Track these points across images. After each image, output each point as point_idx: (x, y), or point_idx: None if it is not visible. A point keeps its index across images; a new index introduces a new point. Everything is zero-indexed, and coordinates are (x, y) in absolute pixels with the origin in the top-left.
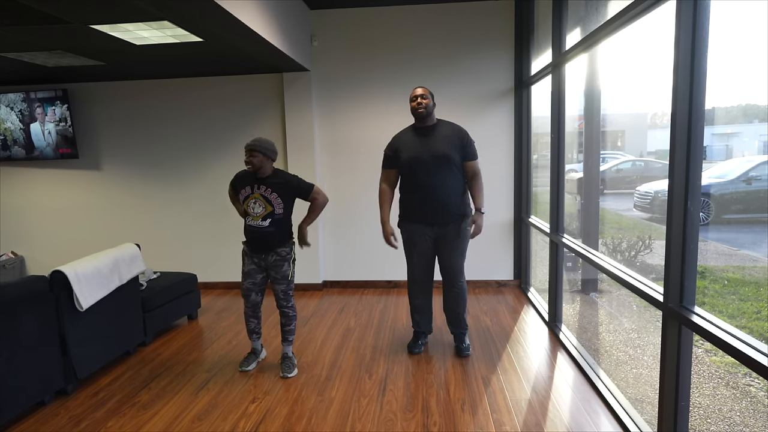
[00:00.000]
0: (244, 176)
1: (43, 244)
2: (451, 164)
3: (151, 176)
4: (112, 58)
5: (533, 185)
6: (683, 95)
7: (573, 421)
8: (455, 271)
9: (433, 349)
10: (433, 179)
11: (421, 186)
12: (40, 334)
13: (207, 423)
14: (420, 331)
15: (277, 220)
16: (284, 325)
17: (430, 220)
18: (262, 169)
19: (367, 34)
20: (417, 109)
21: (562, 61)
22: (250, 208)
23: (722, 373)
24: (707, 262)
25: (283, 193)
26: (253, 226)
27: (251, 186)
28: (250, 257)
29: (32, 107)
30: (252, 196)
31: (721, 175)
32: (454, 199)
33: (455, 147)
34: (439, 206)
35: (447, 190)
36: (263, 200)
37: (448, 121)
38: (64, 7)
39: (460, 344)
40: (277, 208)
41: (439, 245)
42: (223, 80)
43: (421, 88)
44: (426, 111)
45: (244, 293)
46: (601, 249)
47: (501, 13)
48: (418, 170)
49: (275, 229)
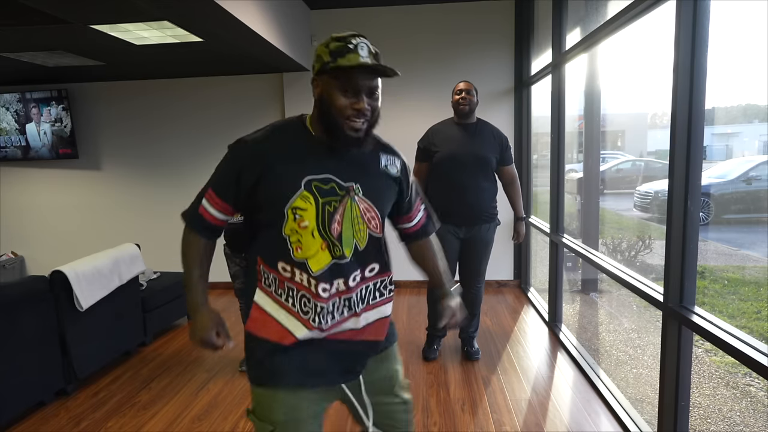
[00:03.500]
0: None
1: (43, 244)
2: (489, 167)
3: (152, 176)
4: (112, 58)
5: (533, 185)
6: (683, 95)
7: (573, 421)
8: (478, 274)
9: None
10: (471, 180)
11: (456, 186)
12: (40, 334)
13: (207, 423)
14: (437, 335)
15: None
16: None
17: (462, 221)
18: None
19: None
20: (460, 104)
21: (562, 61)
22: None
23: (722, 373)
24: (707, 262)
25: None
26: (233, 223)
27: None
28: (232, 259)
29: (28, 107)
30: None
31: (721, 175)
32: (487, 202)
33: (494, 150)
34: (473, 208)
35: (483, 192)
36: None
37: (487, 122)
38: (64, 7)
39: (470, 348)
40: None
41: (465, 246)
42: (223, 80)
43: (464, 83)
44: (469, 107)
45: (236, 294)
46: (601, 249)
47: (501, 13)
48: (457, 169)
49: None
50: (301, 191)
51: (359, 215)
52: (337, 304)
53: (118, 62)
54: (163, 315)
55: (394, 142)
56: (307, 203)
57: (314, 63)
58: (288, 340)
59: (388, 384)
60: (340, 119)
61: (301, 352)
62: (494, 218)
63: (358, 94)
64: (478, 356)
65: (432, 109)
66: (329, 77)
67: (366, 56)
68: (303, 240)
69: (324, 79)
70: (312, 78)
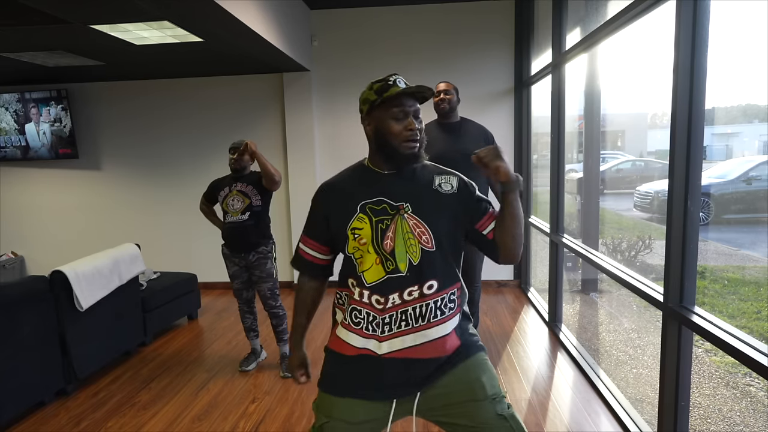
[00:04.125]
0: (220, 181)
1: (43, 244)
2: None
3: (152, 176)
4: (112, 58)
5: (533, 185)
6: (683, 95)
7: (573, 421)
8: (474, 274)
9: None
10: None
11: None
12: (40, 334)
13: (207, 423)
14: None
15: (255, 213)
16: (276, 326)
17: None
18: (246, 168)
19: (367, 34)
20: (439, 105)
21: (562, 61)
22: (229, 206)
23: (722, 373)
24: (707, 262)
25: (257, 184)
26: (233, 222)
27: (228, 186)
28: (231, 259)
29: (27, 108)
30: (230, 194)
31: (721, 175)
32: None
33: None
34: None
35: None
36: (240, 195)
37: (471, 120)
38: (64, 7)
39: None
40: (254, 200)
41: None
42: (223, 80)
43: (444, 83)
44: (449, 107)
45: (235, 294)
46: (601, 249)
47: (501, 13)
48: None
49: (254, 222)
50: (357, 214)
51: (409, 231)
52: (394, 318)
53: (118, 62)
54: (163, 315)
55: None
56: (363, 223)
57: (361, 107)
58: (347, 351)
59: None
60: (396, 142)
61: (359, 366)
62: None
63: (407, 116)
64: None
65: (433, 109)
66: (379, 111)
67: (404, 86)
68: (363, 256)
69: (375, 115)
70: (362, 120)
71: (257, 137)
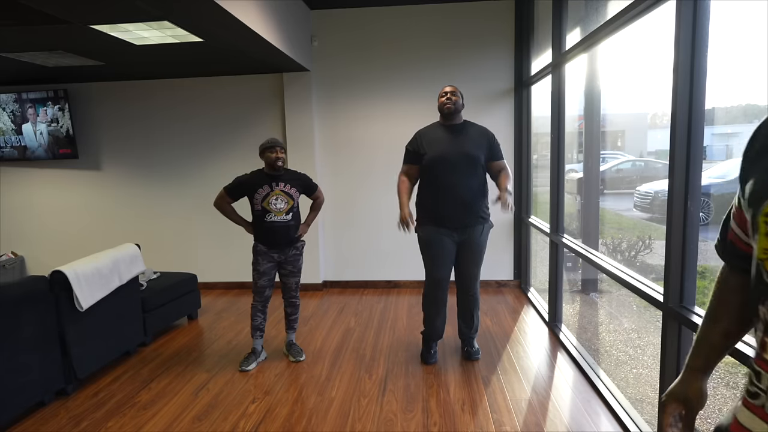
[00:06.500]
0: (254, 177)
1: (43, 244)
2: (477, 165)
3: (151, 176)
4: (112, 58)
5: (533, 185)
6: (683, 95)
7: (573, 421)
8: (474, 277)
9: None
10: (462, 179)
11: (446, 185)
12: (40, 334)
13: (207, 423)
14: (433, 339)
15: (296, 214)
16: (291, 314)
17: (453, 223)
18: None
19: (367, 34)
20: (445, 105)
21: (562, 61)
22: (272, 205)
23: (722, 373)
24: (707, 262)
25: (299, 187)
26: (277, 222)
27: (268, 184)
28: (268, 255)
29: (24, 108)
30: (272, 193)
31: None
32: (477, 200)
33: (482, 148)
34: (465, 207)
35: (472, 191)
36: (285, 195)
37: (473, 122)
38: (64, 7)
39: (470, 348)
40: (296, 201)
41: (460, 250)
42: (223, 80)
43: (450, 86)
44: (454, 108)
45: (258, 290)
46: (601, 249)
47: (501, 14)
48: (445, 169)
49: (296, 222)
50: None
51: None
52: None
53: (118, 62)
54: (163, 315)
55: (395, 141)
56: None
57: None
58: None
59: None
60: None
61: None
62: (487, 220)
63: None
64: (478, 356)
65: (433, 109)
66: None
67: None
68: None
69: None
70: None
71: (257, 137)
